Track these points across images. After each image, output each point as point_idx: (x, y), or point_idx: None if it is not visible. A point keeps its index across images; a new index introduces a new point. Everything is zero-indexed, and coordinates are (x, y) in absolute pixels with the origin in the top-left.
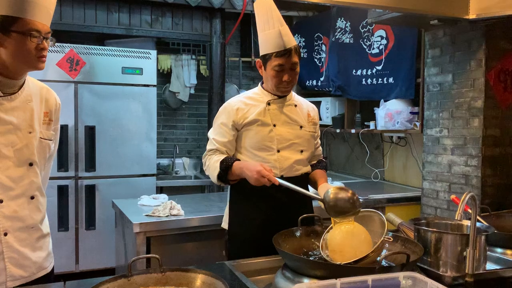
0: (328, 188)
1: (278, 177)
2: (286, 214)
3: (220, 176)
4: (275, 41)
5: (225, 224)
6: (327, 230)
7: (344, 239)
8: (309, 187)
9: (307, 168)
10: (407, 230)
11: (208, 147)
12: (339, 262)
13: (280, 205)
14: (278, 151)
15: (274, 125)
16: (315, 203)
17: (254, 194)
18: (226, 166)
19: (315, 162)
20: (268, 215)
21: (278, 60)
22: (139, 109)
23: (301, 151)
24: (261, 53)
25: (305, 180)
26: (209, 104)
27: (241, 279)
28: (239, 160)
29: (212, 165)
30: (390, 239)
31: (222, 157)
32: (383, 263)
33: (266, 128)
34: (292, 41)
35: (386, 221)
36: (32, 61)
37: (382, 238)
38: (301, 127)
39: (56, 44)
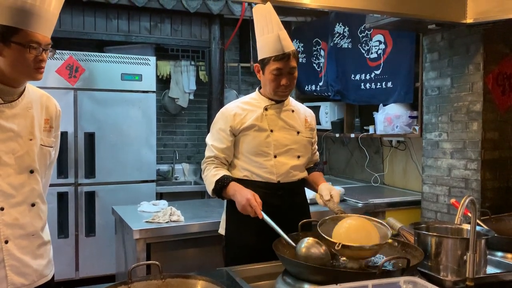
0: (330, 188)
1: (275, 182)
2: (283, 220)
3: (214, 192)
4: (274, 45)
5: (222, 230)
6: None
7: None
8: (307, 191)
9: (304, 174)
10: (407, 235)
11: (207, 153)
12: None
13: (277, 211)
14: (275, 156)
15: (271, 131)
16: (312, 208)
17: None
18: (221, 186)
19: (311, 166)
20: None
21: (276, 64)
22: (138, 115)
23: (298, 157)
24: (260, 57)
25: (302, 185)
26: (208, 110)
27: (241, 285)
28: (235, 180)
29: (209, 178)
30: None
31: (220, 172)
32: (384, 267)
33: (263, 134)
34: (290, 45)
35: (389, 232)
36: (30, 72)
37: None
38: (298, 132)
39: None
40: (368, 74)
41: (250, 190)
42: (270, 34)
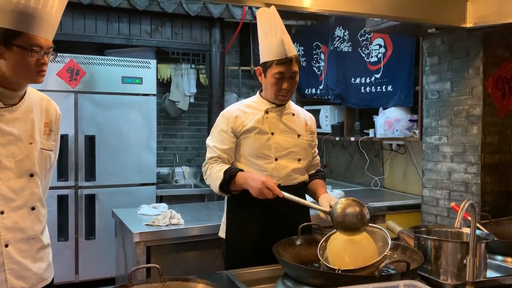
0: (330, 199)
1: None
2: (283, 223)
3: (222, 186)
4: (277, 49)
5: (222, 233)
6: (325, 237)
7: (344, 247)
8: (307, 197)
9: (305, 177)
10: (407, 238)
11: (209, 155)
12: (338, 268)
13: (277, 214)
14: (276, 159)
15: (272, 134)
16: (312, 212)
17: (251, 203)
18: (230, 175)
19: (313, 171)
20: (265, 224)
21: (278, 68)
22: (139, 118)
23: (299, 160)
24: (262, 60)
25: (302, 189)
26: (208, 113)
27: None
28: (242, 170)
29: (214, 174)
30: (394, 255)
31: (225, 166)
32: (383, 271)
33: (264, 136)
34: (293, 50)
35: (390, 240)
36: (31, 76)
37: (384, 253)
38: (298, 135)
39: None
40: (368, 78)
41: (263, 175)
42: (273, 38)
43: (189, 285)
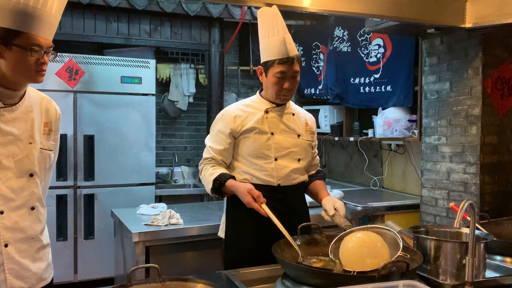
0: (334, 201)
1: (275, 185)
2: (283, 223)
3: (213, 191)
4: (278, 48)
5: (221, 233)
6: (335, 239)
7: (358, 249)
8: (307, 197)
9: (304, 177)
10: (406, 238)
11: (204, 155)
12: (352, 270)
13: (276, 214)
14: (276, 159)
15: (272, 133)
16: (312, 212)
17: None
18: (219, 184)
19: (313, 172)
20: (265, 224)
21: (280, 67)
22: (138, 118)
23: (299, 160)
24: (263, 59)
25: (302, 189)
26: (207, 113)
27: None
28: (233, 177)
29: (206, 178)
30: (407, 255)
31: (217, 171)
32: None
33: (264, 136)
34: (295, 50)
35: (401, 242)
36: (31, 75)
37: (397, 255)
38: (298, 135)
39: None
40: (368, 78)
41: (247, 186)
42: (275, 37)
43: (188, 285)
